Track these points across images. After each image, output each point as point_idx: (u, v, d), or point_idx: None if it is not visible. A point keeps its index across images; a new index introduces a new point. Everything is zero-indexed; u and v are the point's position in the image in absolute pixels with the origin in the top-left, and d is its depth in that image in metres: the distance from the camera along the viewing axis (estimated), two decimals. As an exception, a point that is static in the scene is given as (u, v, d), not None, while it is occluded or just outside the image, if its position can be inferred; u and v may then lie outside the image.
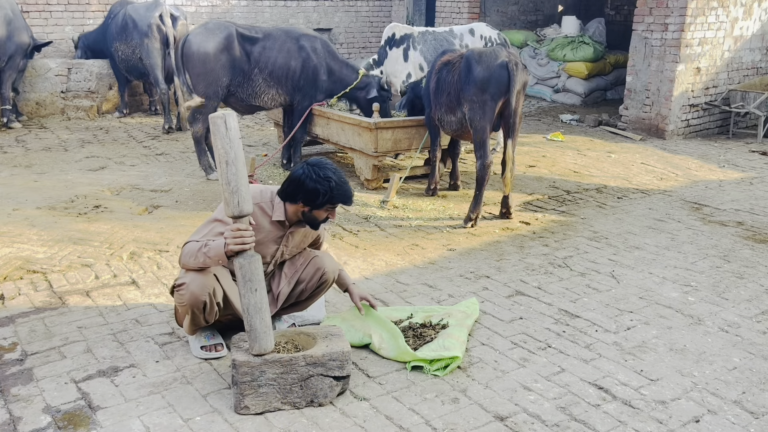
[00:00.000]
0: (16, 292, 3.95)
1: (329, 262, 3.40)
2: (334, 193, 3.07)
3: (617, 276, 4.46)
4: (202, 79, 6.21)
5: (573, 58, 11.04)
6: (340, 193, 3.10)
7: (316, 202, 3.07)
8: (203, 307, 3.10)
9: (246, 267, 2.80)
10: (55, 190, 6.00)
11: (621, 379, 3.19)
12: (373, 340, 3.36)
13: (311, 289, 3.40)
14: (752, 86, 9.28)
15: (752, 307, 4.04)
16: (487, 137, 5.28)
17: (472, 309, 3.75)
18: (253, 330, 2.82)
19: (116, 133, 8.66)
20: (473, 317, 3.68)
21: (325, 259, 3.40)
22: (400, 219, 5.53)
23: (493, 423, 2.83)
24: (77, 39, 9.91)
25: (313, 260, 3.38)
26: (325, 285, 3.41)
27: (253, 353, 2.83)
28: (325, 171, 3.06)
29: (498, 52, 5.26)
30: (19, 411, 2.83)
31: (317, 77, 6.53)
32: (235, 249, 2.80)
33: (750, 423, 2.88)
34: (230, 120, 2.73)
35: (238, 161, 2.74)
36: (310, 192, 3.05)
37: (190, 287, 3.04)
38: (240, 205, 2.77)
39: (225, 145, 2.71)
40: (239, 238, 2.79)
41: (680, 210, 5.95)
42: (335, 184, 3.07)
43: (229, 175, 2.73)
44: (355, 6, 13.34)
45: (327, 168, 3.09)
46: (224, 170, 2.73)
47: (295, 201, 3.11)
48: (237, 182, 2.74)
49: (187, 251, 3.02)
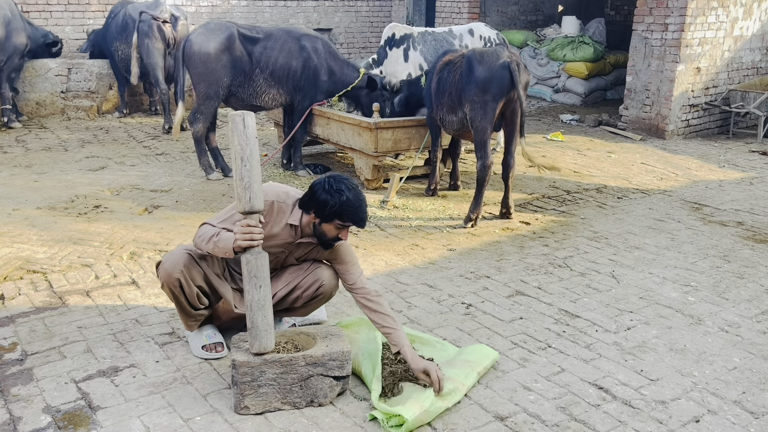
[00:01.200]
0: (16, 292, 3.95)
1: (329, 276, 3.25)
2: (343, 209, 2.94)
3: (617, 276, 4.46)
4: (204, 79, 6.21)
5: (573, 58, 11.04)
6: (351, 211, 2.96)
7: (324, 213, 2.98)
8: (180, 286, 3.09)
9: (252, 263, 2.81)
10: (55, 190, 6.00)
11: (621, 379, 3.19)
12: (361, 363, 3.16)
13: (306, 299, 3.30)
14: (752, 86, 9.28)
15: (752, 307, 4.04)
16: (488, 138, 5.29)
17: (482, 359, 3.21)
18: (254, 327, 2.82)
19: (116, 133, 8.66)
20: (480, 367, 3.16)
21: (327, 271, 3.26)
22: (400, 219, 5.53)
23: (493, 423, 2.83)
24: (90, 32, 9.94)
25: (315, 270, 3.27)
26: (320, 297, 3.29)
27: (253, 351, 2.83)
28: (340, 185, 2.96)
29: (499, 53, 5.26)
30: (19, 411, 2.83)
31: (318, 77, 6.53)
32: (243, 245, 2.80)
33: (750, 423, 2.88)
34: (248, 118, 2.79)
35: (253, 159, 2.79)
36: (320, 202, 2.97)
37: (164, 265, 3.10)
38: (251, 201, 2.80)
39: (242, 141, 2.77)
40: (248, 234, 2.80)
41: (680, 210, 5.95)
42: (346, 200, 2.94)
43: (243, 171, 2.77)
44: (355, 6, 13.35)
45: (344, 182, 2.98)
46: (239, 166, 2.78)
47: (308, 210, 3.05)
48: (250, 179, 2.78)
49: (201, 233, 3.02)
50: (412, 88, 6.50)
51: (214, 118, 6.54)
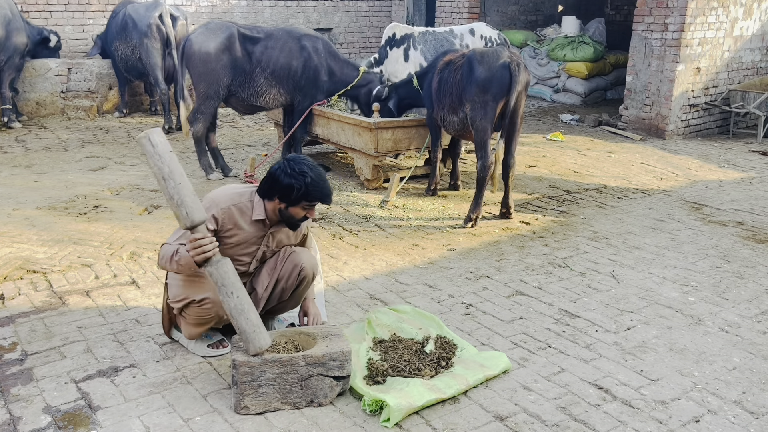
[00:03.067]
0: (16, 292, 3.95)
1: (306, 257, 3.27)
2: (309, 189, 2.96)
3: (617, 276, 4.46)
4: (203, 79, 6.21)
5: (573, 58, 11.04)
6: (316, 190, 2.99)
7: (291, 198, 2.98)
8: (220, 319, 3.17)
9: (215, 274, 2.79)
10: (55, 190, 6.00)
11: (621, 379, 3.19)
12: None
13: (291, 287, 3.29)
14: (752, 86, 9.28)
15: (752, 307, 4.04)
16: (488, 138, 5.28)
17: (495, 367, 3.19)
18: (242, 332, 2.82)
19: (116, 133, 8.66)
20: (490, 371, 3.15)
21: (303, 254, 3.27)
22: (400, 219, 5.53)
23: (493, 423, 2.83)
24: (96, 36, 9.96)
25: (291, 257, 3.26)
26: (304, 281, 3.29)
27: (250, 354, 2.83)
28: (301, 166, 2.96)
29: (500, 53, 5.26)
30: (19, 411, 2.83)
31: (318, 77, 6.53)
32: (199, 260, 2.79)
33: (750, 423, 2.88)
34: (155, 136, 2.71)
35: (175, 174, 2.72)
36: (285, 187, 2.97)
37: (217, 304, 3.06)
38: (189, 215, 2.75)
39: (156, 162, 2.71)
40: (199, 248, 2.77)
41: (680, 210, 5.95)
42: (311, 180, 2.95)
43: (169, 189, 2.72)
44: (355, 6, 13.35)
45: (304, 163, 2.99)
46: (164, 186, 2.73)
47: (271, 198, 3.04)
48: (180, 195, 2.73)
49: (162, 254, 3.01)
50: (401, 91, 6.47)
51: (214, 118, 6.54)
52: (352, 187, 6.37)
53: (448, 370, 3.14)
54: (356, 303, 3.94)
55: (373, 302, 3.96)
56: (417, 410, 2.86)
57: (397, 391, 2.90)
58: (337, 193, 6.12)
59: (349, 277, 4.32)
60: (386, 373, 3.10)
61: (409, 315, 3.63)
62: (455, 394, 2.97)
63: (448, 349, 3.33)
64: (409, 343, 3.36)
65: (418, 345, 3.35)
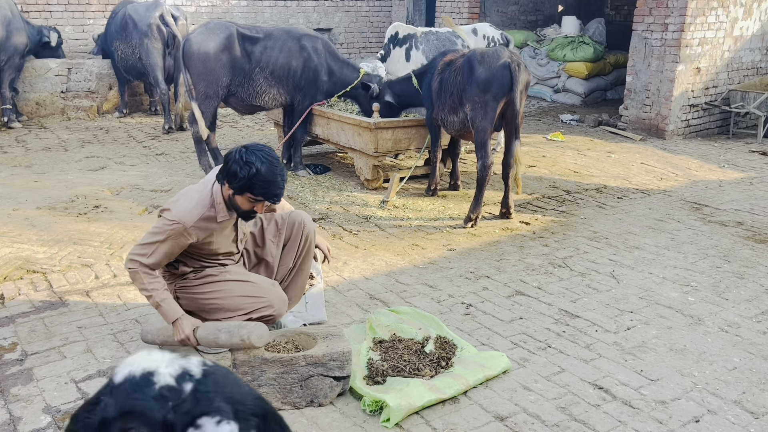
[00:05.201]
0: (16, 292, 3.95)
1: (305, 214, 3.38)
2: (253, 182, 2.75)
3: (617, 276, 4.46)
4: (203, 79, 6.21)
5: (573, 58, 11.04)
6: (261, 184, 2.76)
7: (235, 185, 2.80)
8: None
9: (204, 337, 2.96)
10: (55, 190, 6.00)
11: (621, 379, 3.19)
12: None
13: (301, 251, 3.36)
14: (752, 86, 9.28)
15: (752, 307, 4.04)
16: (488, 138, 5.29)
17: (495, 367, 3.20)
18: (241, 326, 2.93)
19: (116, 133, 8.66)
20: (490, 372, 3.15)
21: (301, 213, 3.38)
22: (400, 219, 5.53)
23: (493, 423, 2.83)
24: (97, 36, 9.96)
25: (291, 216, 3.34)
26: (308, 240, 3.35)
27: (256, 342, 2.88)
28: (251, 156, 2.76)
29: (500, 53, 5.26)
30: (19, 411, 2.83)
31: (318, 77, 6.53)
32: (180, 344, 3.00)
33: (750, 423, 2.88)
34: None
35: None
36: (230, 173, 2.79)
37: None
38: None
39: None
40: (185, 340, 2.98)
41: (680, 210, 5.95)
42: (256, 172, 2.74)
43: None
44: (355, 6, 13.34)
45: (256, 153, 2.77)
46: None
47: (222, 182, 2.90)
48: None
49: (134, 278, 2.92)
50: (396, 88, 6.46)
51: (214, 118, 6.54)
52: (352, 187, 6.37)
53: (448, 370, 3.15)
54: (356, 303, 3.94)
55: (373, 302, 3.96)
56: (417, 410, 2.86)
57: (397, 392, 2.90)
58: (337, 193, 6.12)
59: (349, 277, 4.32)
60: (386, 373, 3.10)
61: (409, 316, 3.64)
62: (455, 395, 2.97)
63: (448, 349, 3.33)
64: (409, 343, 3.36)
65: (418, 345, 3.36)
